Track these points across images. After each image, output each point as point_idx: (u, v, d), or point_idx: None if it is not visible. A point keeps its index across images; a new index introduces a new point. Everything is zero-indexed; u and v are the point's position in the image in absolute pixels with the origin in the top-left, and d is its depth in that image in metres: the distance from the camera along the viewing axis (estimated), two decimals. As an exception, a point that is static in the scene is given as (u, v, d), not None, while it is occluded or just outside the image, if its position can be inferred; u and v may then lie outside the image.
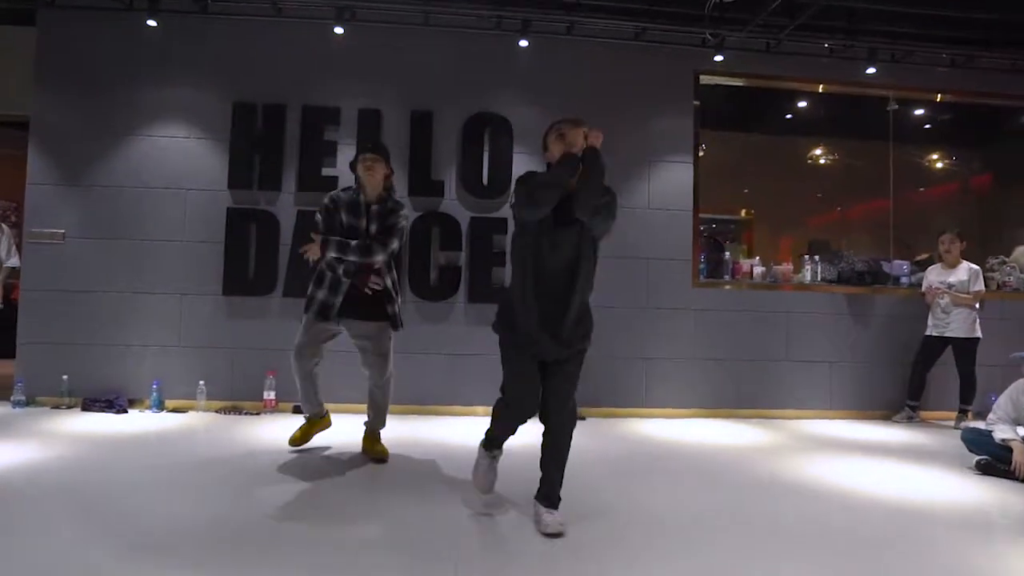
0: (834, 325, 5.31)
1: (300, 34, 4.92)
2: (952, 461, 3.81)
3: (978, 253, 5.45)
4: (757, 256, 5.55)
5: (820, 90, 5.78)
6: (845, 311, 5.33)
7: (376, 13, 4.88)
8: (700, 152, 5.33)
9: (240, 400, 4.73)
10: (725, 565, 2.24)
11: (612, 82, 5.11)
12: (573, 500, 2.52)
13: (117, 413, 4.49)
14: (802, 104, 6.31)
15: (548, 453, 2.49)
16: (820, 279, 5.43)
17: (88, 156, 4.80)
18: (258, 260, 4.82)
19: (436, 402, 4.87)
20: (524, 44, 4.98)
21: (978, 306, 5.02)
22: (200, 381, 4.68)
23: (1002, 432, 3.47)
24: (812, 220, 7.76)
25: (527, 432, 2.63)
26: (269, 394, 4.66)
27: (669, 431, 4.54)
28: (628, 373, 5.06)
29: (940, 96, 5.87)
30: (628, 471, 3.47)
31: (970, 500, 3.11)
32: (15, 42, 4.94)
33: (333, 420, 3.73)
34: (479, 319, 4.89)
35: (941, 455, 4.01)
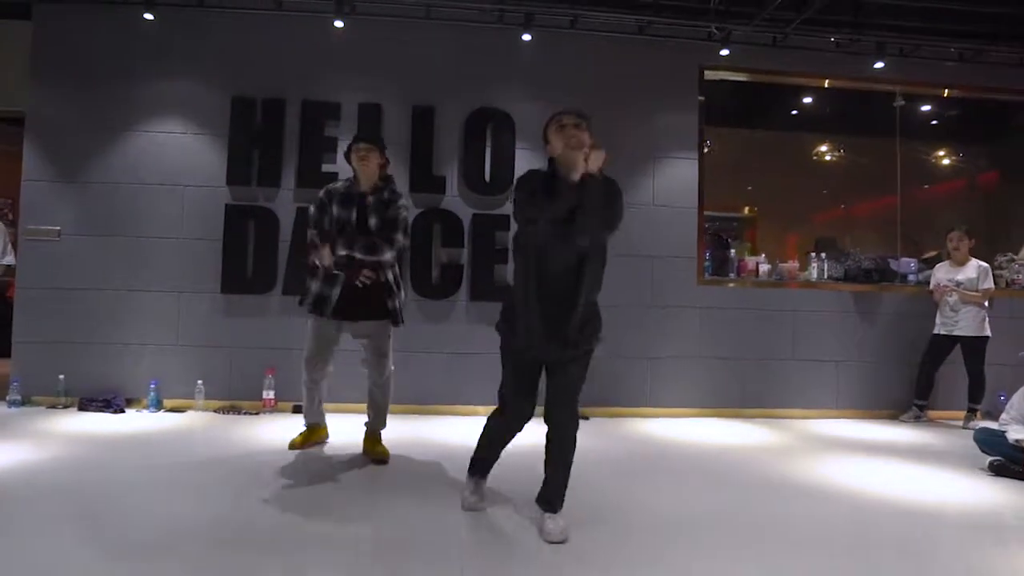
0: (841, 323, 5.24)
1: (300, 28, 4.85)
2: (962, 461, 3.74)
3: (985, 250, 5.38)
4: (763, 254, 5.48)
5: (826, 85, 5.72)
6: (852, 309, 5.27)
7: (377, 6, 4.81)
8: (705, 149, 5.26)
9: (239, 400, 4.66)
10: (733, 570, 2.18)
11: (616, 77, 5.04)
12: (577, 501, 2.47)
13: (114, 413, 4.44)
14: (807, 100, 6.23)
15: (551, 455, 2.43)
16: (827, 277, 5.36)
17: (84, 152, 4.73)
18: (257, 258, 4.75)
19: (437, 402, 4.81)
20: (527, 38, 4.91)
21: (987, 304, 4.95)
22: (198, 380, 4.62)
23: (1016, 432, 3.40)
24: (817, 217, 7.69)
25: (531, 432, 2.57)
26: (268, 393, 4.60)
27: (674, 431, 4.49)
28: (632, 372, 4.99)
29: (947, 91, 5.79)
30: (632, 471, 3.42)
31: (983, 501, 3.05)
32: (10, 36, 4.85)
33: (334, 420, 3.68)
34: (481, 317, 4.82)
35: (951, 455, 3.95)
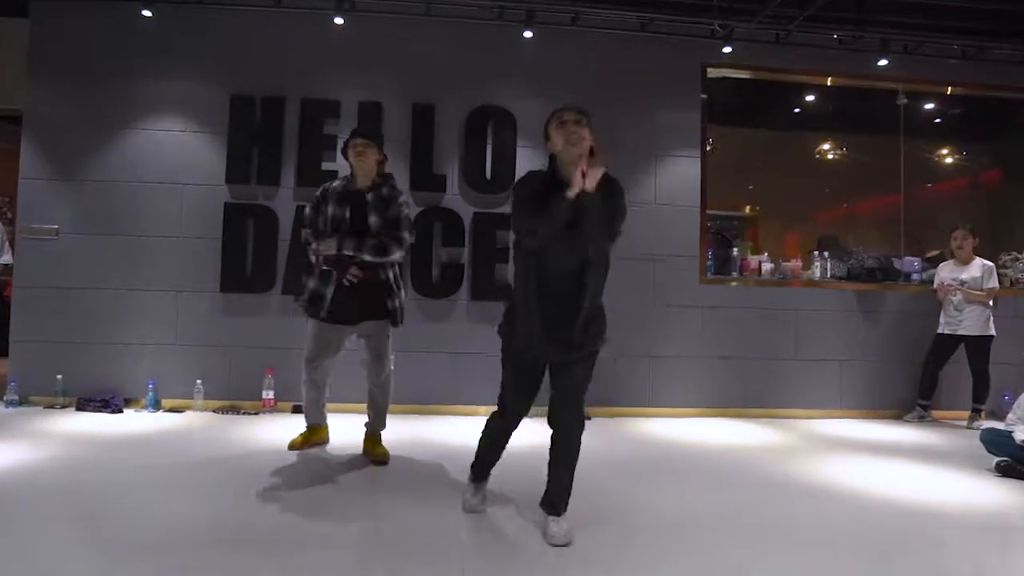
0: (844, 322, 5.21)
1: (299, 24, 4.81)
2: (968, 462, 3.71)
3: (988, 249, 5.34)
4: (765, 252, 5.44)
5: (828, 83, 5.68)
6: (855, 308, 5.23)
7: (377, 3, 4.78)
8: (708, 147, 5.22)
9: (238, 399, 4.63)
10: (738, 571, 2.15)
11: (618, 74, 5.00)
12: (581, 502, 2.43)
13: (112, 413, 4.40)
14: (810, 98, 6.20)
15: (556, 457, 2.39)
16: (830, 276, 5.32)
17: (82, 150, 4.70)
18: (256, 256, 4.72)
19: (438, 402, 4.77)
20: (528, 35, 4.87)
21: (991, 303, 4.92)
22: (197, 380, 4.58)
23: (1023, 433, 3.37)
24: (819, 216, 7.65)
25: (536, 432, 2.54)
26: (268, 393, 4.57)
27: (676, 431, 4.45)
28: (634, 372, 4.96)
29: (950, 89, 5.76)
30: (635, 472, 3.38)
31: (989, 502, 3.02)
32: (8, 34, 4.83)
33: (334, 420, 3.65)
34: (482, 317, 4.79)
35: (956, 456, 3.92)
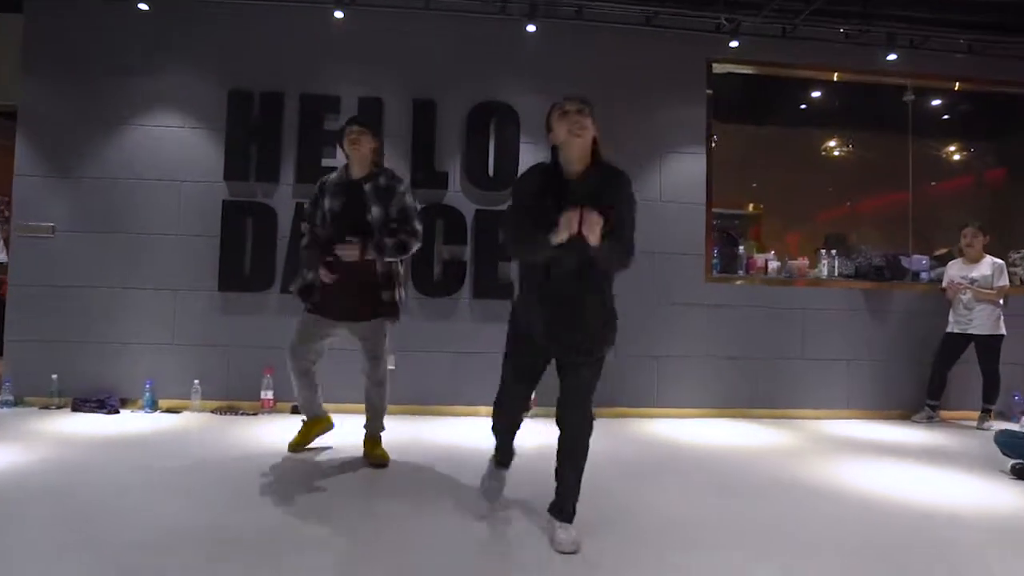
0: (851, 322, 5.14)
1: (298, 18, 4.74)
2: (979, 464, 3.66)
3: (994, 247, 5.26)
4: (772, 251, 5.38)
5: (835, 78, 5.61)
6: (862, 307, 5.16)
7: (377, -4, 4.71)
8: (712, 144, 5.15)
9: (236, 400, 4.56)
10: (756, 580, 2.08)
11: (622, 69, 4.93)
12: (587, 505, 2.37)
13: (108, 413, 4.34)
14: (815, 94, 6.13)
15: (563, 461, 2.32)
16: (837, 274, 5.25)
17: (79, 147, 4.63)
18: (255, 255, 4.65)
19: (438, 402, 4.70)
20: (531, 29, 4.80)
21: (1002, 302, 4.84)
22: (195, 380, 4.52)
23: (1038, 434, 3.30)
24: (825, 215, 7.57)
25: (543, 434, 2.48)
26: (267, 394, 4.50)
27: (682, 431, 4.39)
28: (639, 371, 4.88)
29: (957, 84, 5.69)
30: (641, 473, 3.31)
31: (1004, 506, 2.95)
32: (2, 29, 4.75)
33: (334, 421, 3.57)
34: (484, 315, 4.72)
35: (967, 457, 3.86)
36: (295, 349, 3.21)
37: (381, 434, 3.37)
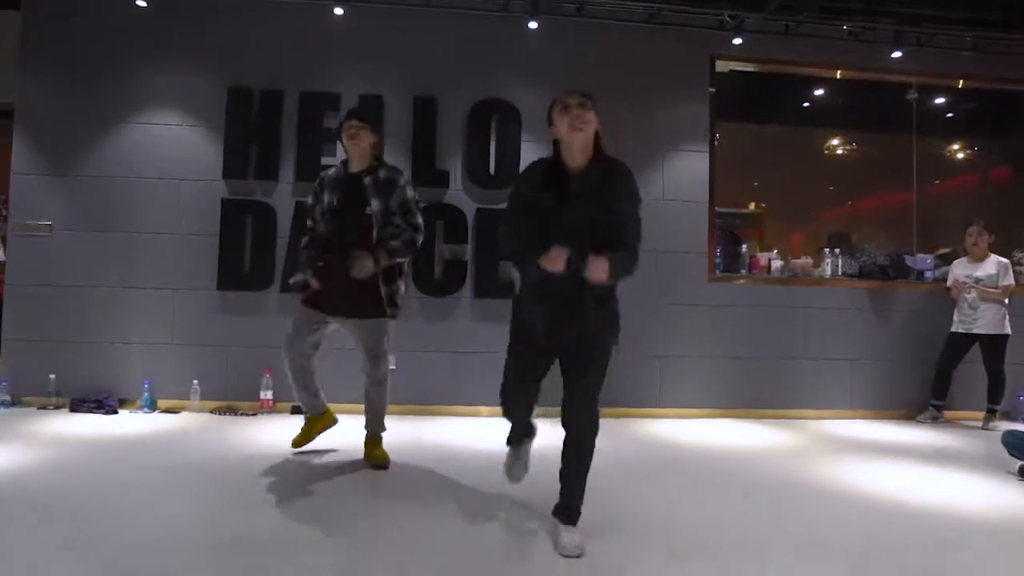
0: (855, 321, 5.10)
1: (298, 15, 4.70)
2: (985, 465, 3.62)
3: (999, 246, 5.22)
4: (775, 250, 5.34)
5: (837, 76, 5.56)
6: (866, 306, 5.12)
7: (377, -7, 4.68)
8: (715, 142, 5.12)
9: (235, 400, 4.53)
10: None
11: (624, 66, 4.89)
12: (590, 507, 2.33)
13: (107, 414, 4.30)
14: (818, 92, 6.09)
15: (568, 462, 2.28)
16: (841, 273, 5.22)
17: (76, 145, 4.59)
18: (254, 254, 4.61)
19: (439, 402, 4.67)
20: (533, 26, 4.76)
21: (1007, 301, 4.81)
22: (193, 380, 4.48)
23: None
24: (828, 214, 7.53)
25: (548, 435, 2.45)
26: (266, 394, 4.47)
27: (684, 432, 4.35)
28: (641, 371, 4.85)
29: (962, 82, 5.64)
30: (646, 475, 3.27)
31: (1011, 508, 2.90)
32: (-1, 25, 4.73)
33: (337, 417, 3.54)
34: (485, 315, 4.69)
35: (972, 458, 3.82)
36: (291, 343, 3.16)
37: (382, 435, 3.33)
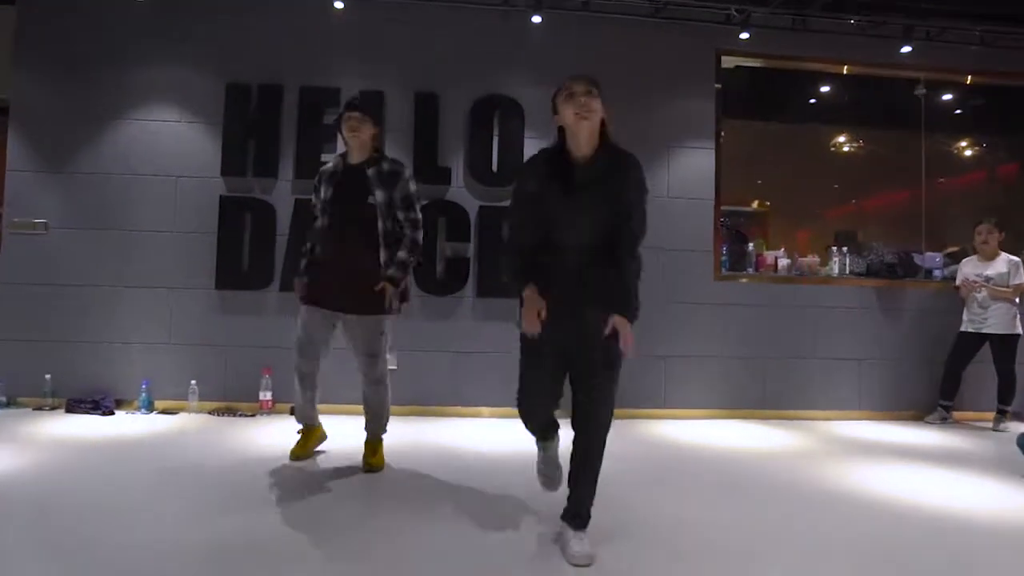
0: (862, 320, 5.03)
1: (297, 9, 4.63)
2: (996, 467, 3.56)
3: (1008, 244, 5.15)
4: (782, 248, 5.27)
5: (844, 71, 5.49)
6: (874, 305, 5.05)
7: (378, -13, 4.60)
8: (720, 138, 5.05)
9: (234, 401, 4.46)
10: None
11: (629, 61, 4.81)
12: (597, 509, 2.25)
13: (103, 415, 4.24)
14: (824, 89, 6.02)
15: (577, 465, 2.20)
16: (848, 272, 5.15)
17: (72, 141, 4.52)
18: (253, 252, 4.54)
19: (440, 403, 4.60)
20: (537, 20, 4.69)
21: (1017, 300, 4.74)
22: (192, 380, 4.41)
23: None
24: (834, 211, 7.45)
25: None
26: (265, 394, 4.40)
27: (691, 433, 4.28)
28: (646, 372, 4.76)
29: (970, 78, 5.57)
30: (653, 478, 3.21)
31: (1022, 511, 2.83)
32: (-6, 20, 4.66)
33: (334, 422, 3.48)
34: (488, 314, 4.62)
35: (983, 460, 3.76)
36: (304, 347, 3.09)
37: (383, 437, 3.25)
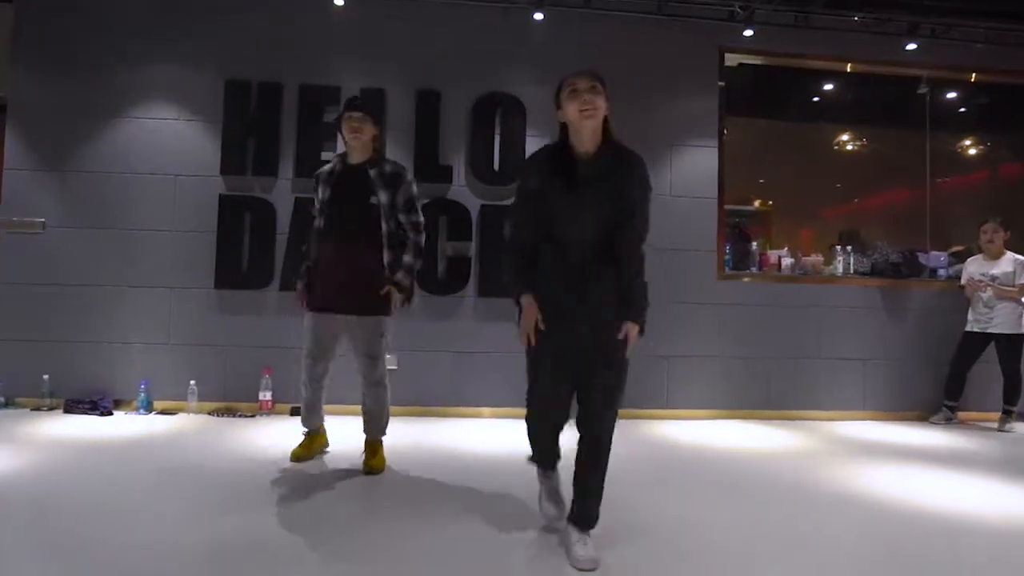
0: (867, 320, 5.00)
1: (298, 6, 4.59)
2: (1001, 467, 3.53)
3: (1013, 243, 5.11)
4: (786, 247, 5.23)
5: (848, 69, 5.45)
6: (879, 305, 5.02)
7: (379, -16, 4.57)
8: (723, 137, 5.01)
9: (234, 401, 4.43)
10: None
11: (632, 59, 4.78)
12: (604, 515, 2.22)
13: (102, 415, 4.21)
14: (828, 87, 5.98)
15: (582, 467, 2.16)
16: (852, 271, 5.11)
17: (70, 139, 4.49)
18: (252, 251, 4.51)
19: (441, 403, 4.57)
20: (539, 17, 4.65)
21: (1023, 300, 4.70)
22: (191, 381, 4.38)
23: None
24: (837, 210, 7.41)
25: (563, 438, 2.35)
26: (265, 395, 4.37)
27: (694, 434, 4.25)
28: (648, 372, 4.73)
29: (974, 76, 5.53)
30: (657, 479, 3.17)
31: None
32: (-9, 18, 4.62)
33: (334, 423, 3.45)
34: (489, 314, 4.58)
35: (988, 460, 3.72)
36: (314, 356, 3.09)
37: (382, 439, 3.22)
